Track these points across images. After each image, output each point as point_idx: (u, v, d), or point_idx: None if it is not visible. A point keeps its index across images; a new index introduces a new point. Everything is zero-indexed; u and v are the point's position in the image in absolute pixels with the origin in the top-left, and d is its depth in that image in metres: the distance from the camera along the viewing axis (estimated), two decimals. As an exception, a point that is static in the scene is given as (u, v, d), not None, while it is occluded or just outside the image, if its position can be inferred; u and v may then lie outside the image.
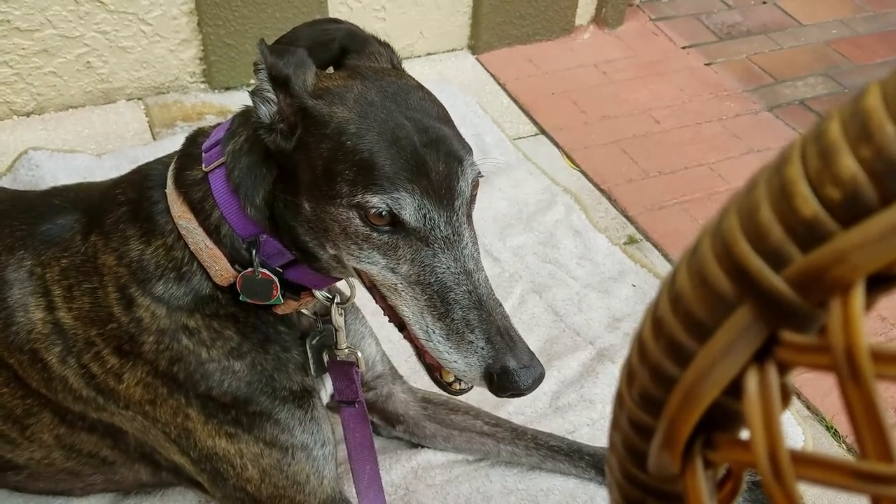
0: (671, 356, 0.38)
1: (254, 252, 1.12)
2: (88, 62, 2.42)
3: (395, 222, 1.02)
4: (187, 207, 1.13)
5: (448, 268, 1.02)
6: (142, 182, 1.21)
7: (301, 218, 1.09)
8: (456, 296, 1.01)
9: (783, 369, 0.35)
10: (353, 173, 1.01)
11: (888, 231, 0.30)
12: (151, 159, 1.27)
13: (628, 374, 0.41)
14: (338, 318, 1.26)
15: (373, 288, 1.12)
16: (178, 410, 1.20)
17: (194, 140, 1.20)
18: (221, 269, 1.14)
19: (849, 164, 0.31)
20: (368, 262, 1.06)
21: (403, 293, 1.05)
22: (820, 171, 0.32)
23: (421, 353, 1.13)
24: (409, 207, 1.00)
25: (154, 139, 2.40)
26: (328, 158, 1.02)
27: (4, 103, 2.40)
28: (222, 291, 1.17)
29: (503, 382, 1.00)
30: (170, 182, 1.16)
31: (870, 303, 0.32)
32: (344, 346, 1.27)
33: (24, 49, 2.32)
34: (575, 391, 1.78)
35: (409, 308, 1.05)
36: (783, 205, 0.33)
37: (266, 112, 1.05)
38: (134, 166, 2.31)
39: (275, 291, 1.14)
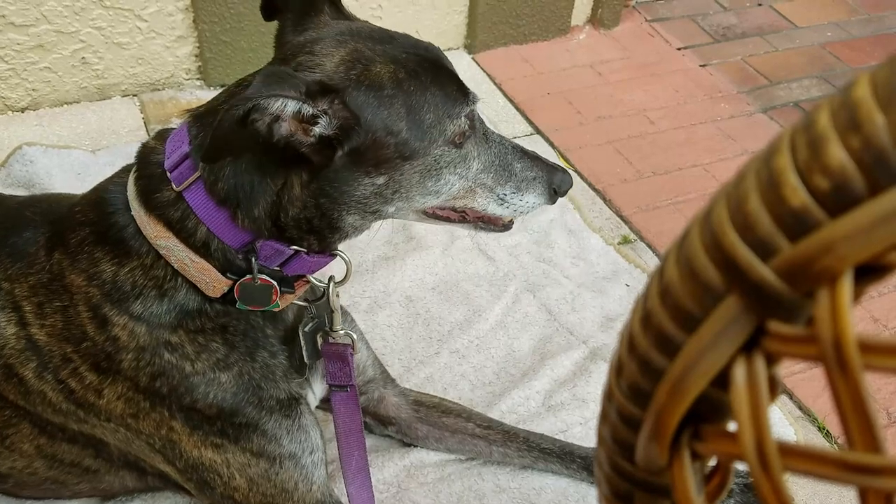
0: (659, 347, 0.38)
1: (253, 259, 1.10)
2: (84, 58, 2.42)
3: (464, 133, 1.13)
4: (164, 227, 1.09)
5: (495, 141, 1.20)
6: (102, 207, 1.15)
7: (354, 198, 1.09)
8: (510, 156, 1.21)
9: (771, 360, 0.35)
10: (434, 111, 1.08)
11: (876, 221, 0.30)
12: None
13: (617, 367, 0.41)
14: (335, 300, 1.24)
15: (432, 215, 1.22)
16: (162, 423, 1.18)
17: (146, 159, 1.14)
18: (213, 280, 1.10)
19: (837, 154, 0.31)
20: (447, 187, 1.15)
21: (478, 191, 1.19)
22: (809, 161, 0.32)
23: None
24: (474, 111, 1.16)
25: (149, 136, 2.39)
26: (410, 111, 1.06)
27: (-1, 98, 2.39)
28: (211, 302, 1.14)
29: (563, 188, 1.27)
30: (137, 206, 1.10)
31: (858, 293, 0.32)
32: (339, 327, 1.26)
33: (19, 44, 2.32)
34: (568, 390, 1.78)
35: (484, 199, 1.20)
36: (772, 195, 0.33)
37: (321, 129, 1.01)
38: (128, 162, 2.30)
39: (274, 296, 1.13)
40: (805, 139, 0.33)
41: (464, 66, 2.88)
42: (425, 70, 1.09)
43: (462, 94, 1.12)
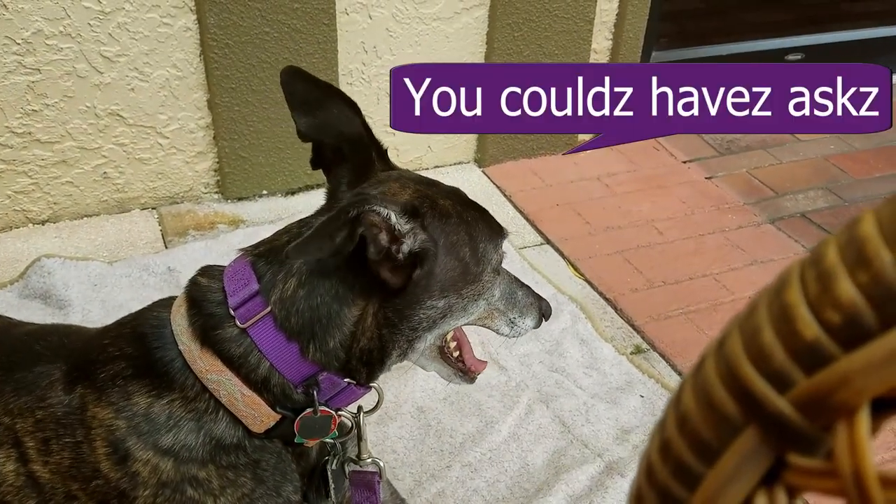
0: (679, 478, 0.37)
1: (315, 392, 1.10)
2: (105, 173, 2.49)
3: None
4: (220, 362, 1.08)
5: (505, 272, 1.28)
6: (143, 342, 1.14)
7: (411, 324, 1.11)
8: (514, 285, 1.31)
9: (792, 493, 0.35)
10: (485, 241, 1.17)
11: (890, 356, 0.31)
12: (162, 268, 1.23)
13: (637, 496, 0.41)
14: (364, 428, 1.23)
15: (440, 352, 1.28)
16: None
17: (203, 297, 1.12)
18: (262, 415, 1.09)
19: (847, 289, 0.32)
20: (477, 310, 1.21)
21: (494, 314, 1.27)
22: (819, 295, 0.33)
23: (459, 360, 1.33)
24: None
25: (166, 247, 2.44)
26: (470, 239, 1.15)
27: (21, 211, 2.46)
28: (251, 437, 1.11)
29: (547, 314, 1.36)
30: (188, 341, 1.09)
31: (876, 426, 0.33)
32: (366, 455, 1.25)
33: (43, 160, 2.40)
34: (584, 507, 1.73)
35: (498, 321, 1.29)
36: (785, 327, 0.34)
37: (408, 247, 1.06)
38: (145, 274, 2.31)
39: (333, 425, 1.13)
40: (814, 274, 0.34)
41: (474, 179, 2.95)
42: (471, 206, 1.21)
43: (500, 227, 1.24)
